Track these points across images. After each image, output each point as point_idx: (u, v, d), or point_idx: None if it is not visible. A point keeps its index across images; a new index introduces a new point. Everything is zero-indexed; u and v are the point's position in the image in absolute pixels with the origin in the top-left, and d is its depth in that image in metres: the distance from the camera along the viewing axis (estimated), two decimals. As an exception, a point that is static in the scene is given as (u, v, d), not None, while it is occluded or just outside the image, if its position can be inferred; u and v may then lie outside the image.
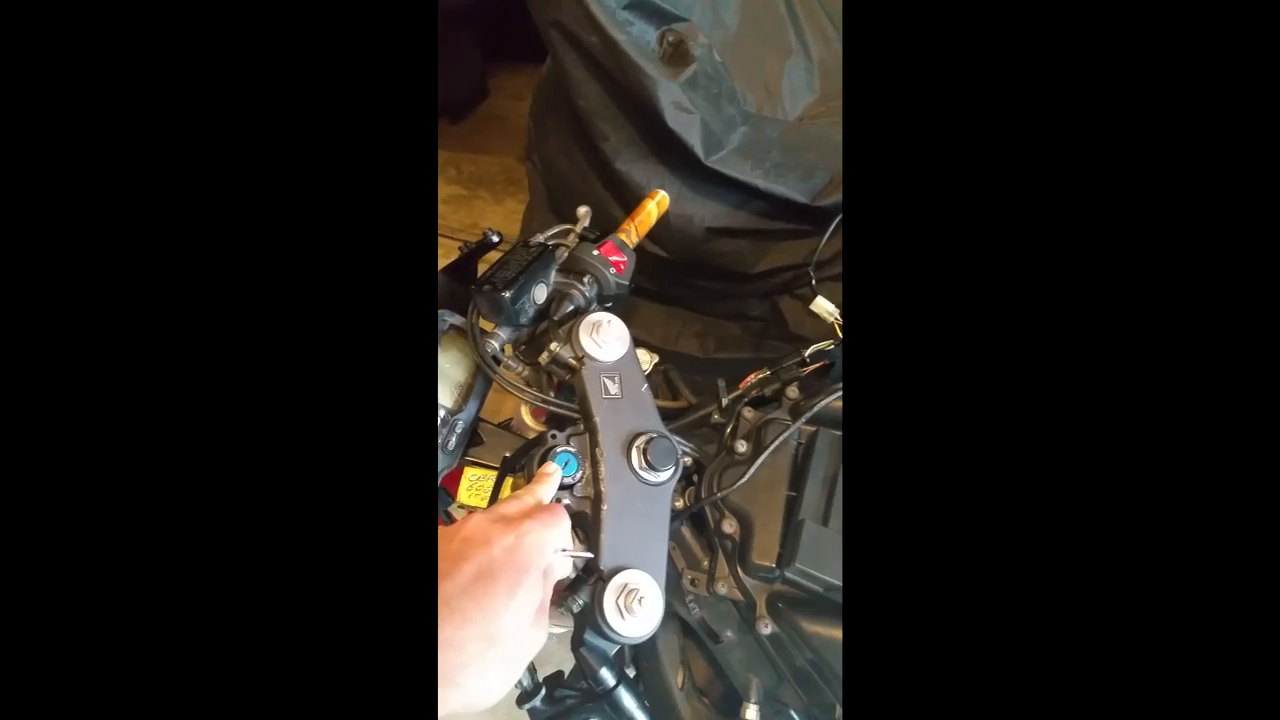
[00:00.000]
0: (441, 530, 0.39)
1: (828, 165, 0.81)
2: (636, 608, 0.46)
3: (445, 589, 0.35)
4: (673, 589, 0.56)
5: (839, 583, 0.46)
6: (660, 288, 1.10)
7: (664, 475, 0.52)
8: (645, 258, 0.98)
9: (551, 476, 0.48)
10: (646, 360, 0.77)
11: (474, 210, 2.14)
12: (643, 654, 0.62)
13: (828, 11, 0.89)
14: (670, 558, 0.57)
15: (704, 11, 0.85)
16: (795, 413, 0.57)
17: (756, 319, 1.06)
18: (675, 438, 0.56)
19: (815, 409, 0.55)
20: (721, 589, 0.53)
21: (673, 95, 0.75)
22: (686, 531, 0.57)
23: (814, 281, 0.81)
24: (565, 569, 0.44)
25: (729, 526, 0.53)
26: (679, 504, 0.55)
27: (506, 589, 0.36)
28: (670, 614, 0.58)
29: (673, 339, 1.15)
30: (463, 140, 2.33)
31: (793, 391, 0.59)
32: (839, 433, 0.55)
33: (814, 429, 0.56)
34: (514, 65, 2.41)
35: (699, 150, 0.77)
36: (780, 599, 0.50)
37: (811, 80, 0.88)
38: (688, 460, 0.57)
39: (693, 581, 0.54)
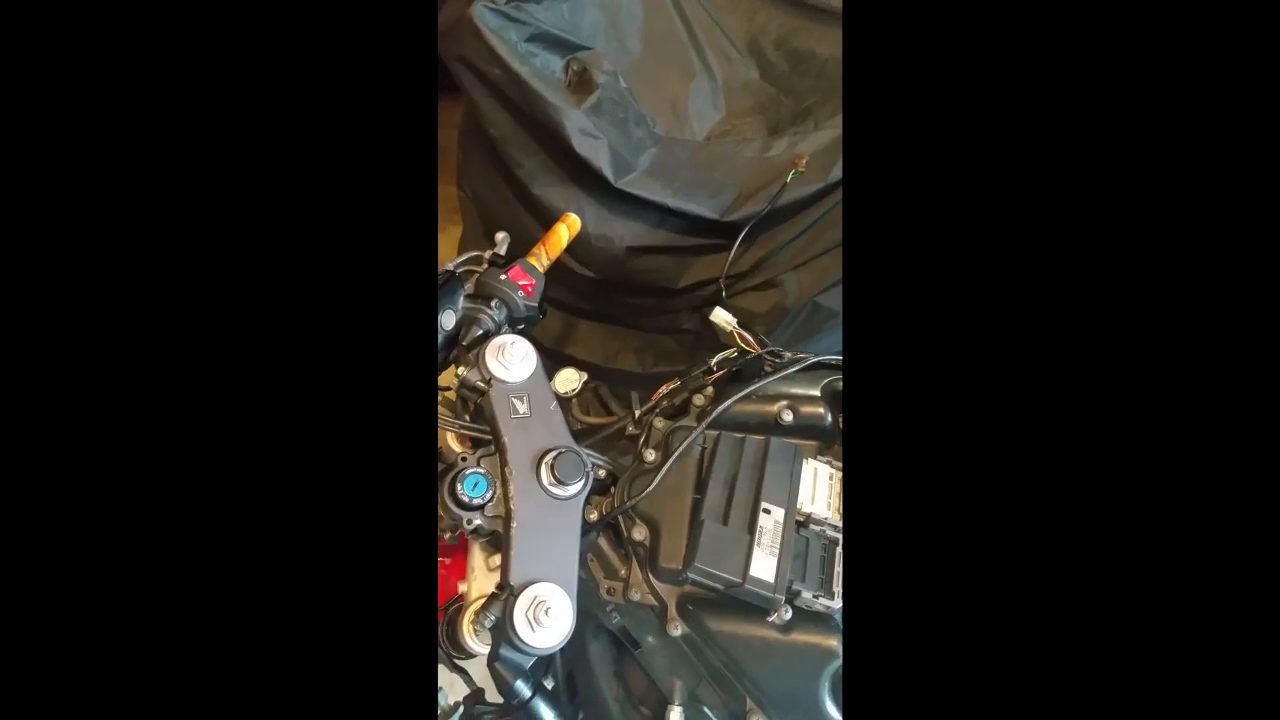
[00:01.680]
0: None
1: (735, 181, 0.85)
2: (545, 619, 0.47)
3: None
4: (594, 600, 0.57)
5: (738, 579, 0.48)
6: (596, 307, 1.12)
7: (573, 489, 0.53)
8: (576, 279, 1.00)
9: None
10: (576, 379, 0.79)
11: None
12: (578, 667, 0.63)
13: (728, 32, 0.94)
14: (589, 569, 0.59)
15: (608, 40, 0.89)
16: (701, 419, 0.59)
17: (688, 332, 1.09)
18: (587, 451, 0.58)
19: (715, 414, 0.57)
20: (636, 595, 0.54)
21: (578, 122, 0.78)
22: (604, 542, 0.58)
23: (724, 294, 0.85)
24: None
25: (639, 534, 0.55)
26: (593, 516, 0.57)
27: None
28: (600, 625, 0.60)
29: (613, 356, 1.17)
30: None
31: (699, 399, 0.62)
32: (739, 435, 0.58)
33: (717, 433, 0.58)
34: (454, 95, 2.43)
35: (608, 173, 0.80)
36: (689, 600, 0.52)
37: (716, 100, 0.92)
38: (601, 473, 0.59)
39: (609, 590, 0.56)
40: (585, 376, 0.78)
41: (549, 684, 0.56)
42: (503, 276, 0.63)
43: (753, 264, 0.94)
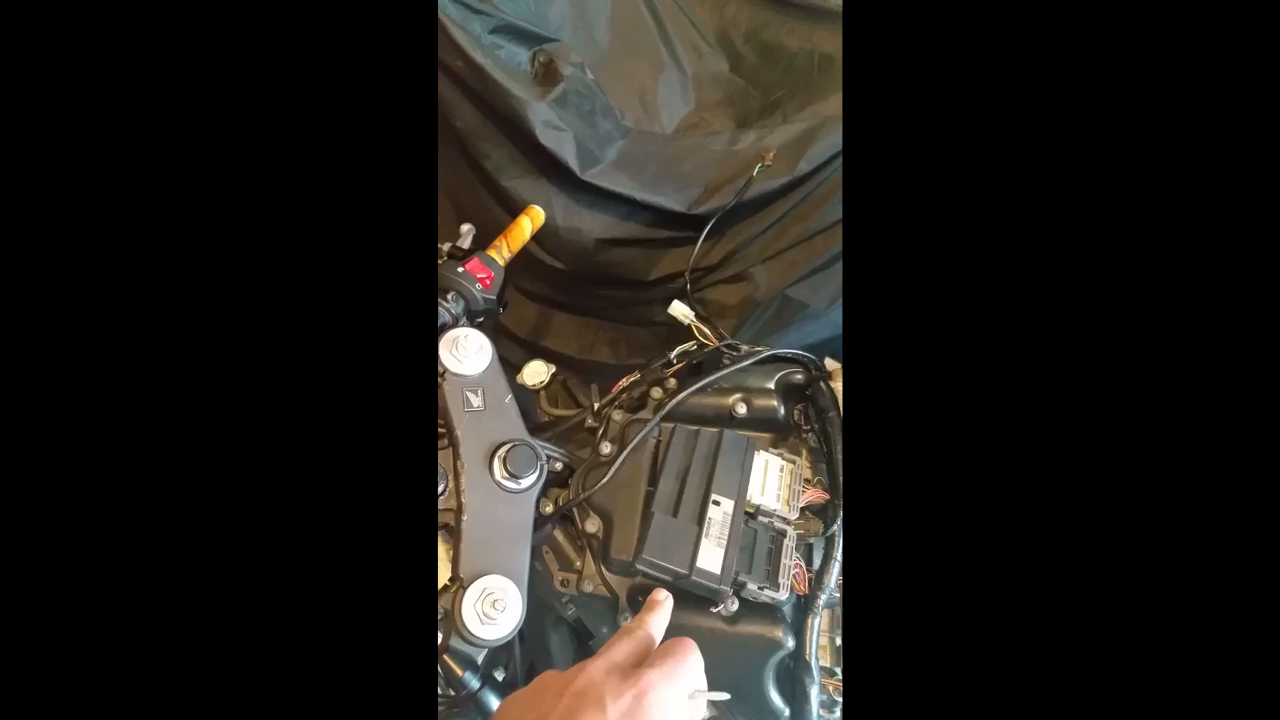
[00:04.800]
0: (552, 679, 0.36)
1: (703, 174, 0.85)
2: (493, 612, 0.48)
3: None
4: (551, 591, 0.58)
5: (684, 570, 0.48)
6: (570, 299, 1.13)
7: (525, 482, 0.54)
8: (548, 271, 1.00)
9: (663, 605, 0.42)
10: (544, 371, 0.79)
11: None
12: (538, 658, 0.64)
13: (697, 25, 0.93)
14: (545, 561, 0.59)
15: (575, 31, 0.89)
16: (657, 412, 0.59)
17: (662, 323, 1.09)
18: (543, 444, 0.58)
19: (668, 407, 0.58)
20: (589, 587, 0.55)
21: (542, 114, 0.77)
22: (560, 535, 0.59)
23: (689, 287, 0.85)
24: (699, 713, 0.38)
25: (592, 525, 0.55)
26: (549, 509, 0.57)
27: None
28: (559, 617, 0.60)
29: (588, 348, 1.17)
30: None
31: (657, 392, 0.62)
32: (694, 428, 0.58)
33: (673, 426, 0.59)
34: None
35: (574, 165, 0.80)
36: (640, 591, 0.53)
37: (686, 93, 0.92)
38: (558, 466, 0.59)
39: (563, 582, 0.56)
40: (554, 369, 0.78)
41: (499, 675, 0.56)
42: (460, 269, 0.63)
43: (722, 257, 0.94)
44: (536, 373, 0.77)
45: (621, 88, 0.90)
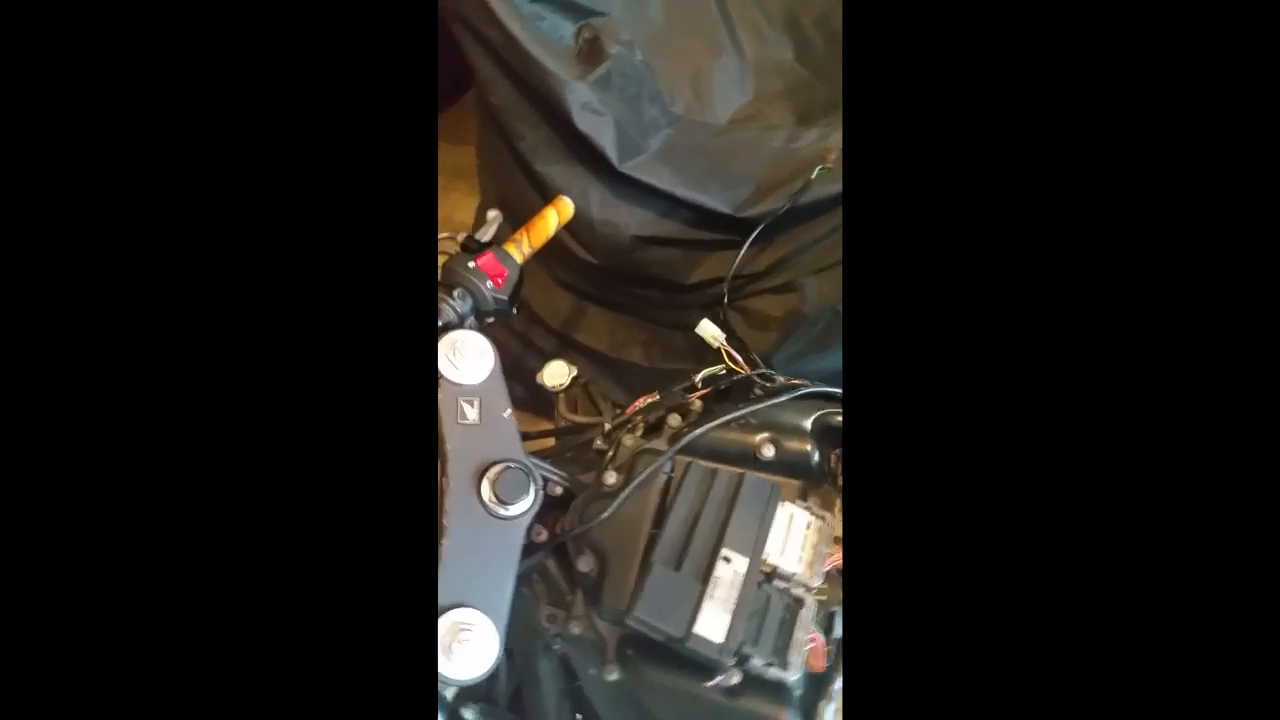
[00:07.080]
0: None
1: (754, 174, 0.77)
2: (459, 649, 0.43)
3: None
4: (535, 626, 0.53)
5: (679, 635, 0.43)
6: (604, 294, 1.07)
7: (516, 509, 0.48)
8: (582, 263, 0.95)
9: None
10: (565, 373, 0.74)
11: (449, 203, 2.10)
12: (526, 682, 0.60)
13: (763, 6, 0.84)
14: (534, 590, 0.54)
15: (627, 5, 0.81)
16: (672, 443, 0.53)
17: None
18: (540, 464, 0.53)
19: (684, 440, 0.51)
20: (576, 629, 0.50)
21: (581, 95, 0.71)
22: (553, 564, 0.54)
23: (726, 299, 0.78)
24: None
25: (585, 564, 0.50)
26: (543, 537, 0.52)
27: None
28: (549, 650, 0.56)
29: (620, 346, 1.12)
30: (444, 131, 2.28)
31: (675, 419, 0.56)
32: (712, 466, 0.51)
33: (688, 461, 0.52)
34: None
35: (612, 154, 0.73)
36: (630, 644, 0.47)
37: (744, 81, 0.84)
38: (557, 490, 0.54)
39: (550, 617, 0.51)
40: (575, 372, 0.73)
41: (469, 715, 0.52)
42: (472, 264, 0.58)
43: (769, 264, 0.87)
44: (557, 374, 0.72)
45: (673, 71, 0.82)
